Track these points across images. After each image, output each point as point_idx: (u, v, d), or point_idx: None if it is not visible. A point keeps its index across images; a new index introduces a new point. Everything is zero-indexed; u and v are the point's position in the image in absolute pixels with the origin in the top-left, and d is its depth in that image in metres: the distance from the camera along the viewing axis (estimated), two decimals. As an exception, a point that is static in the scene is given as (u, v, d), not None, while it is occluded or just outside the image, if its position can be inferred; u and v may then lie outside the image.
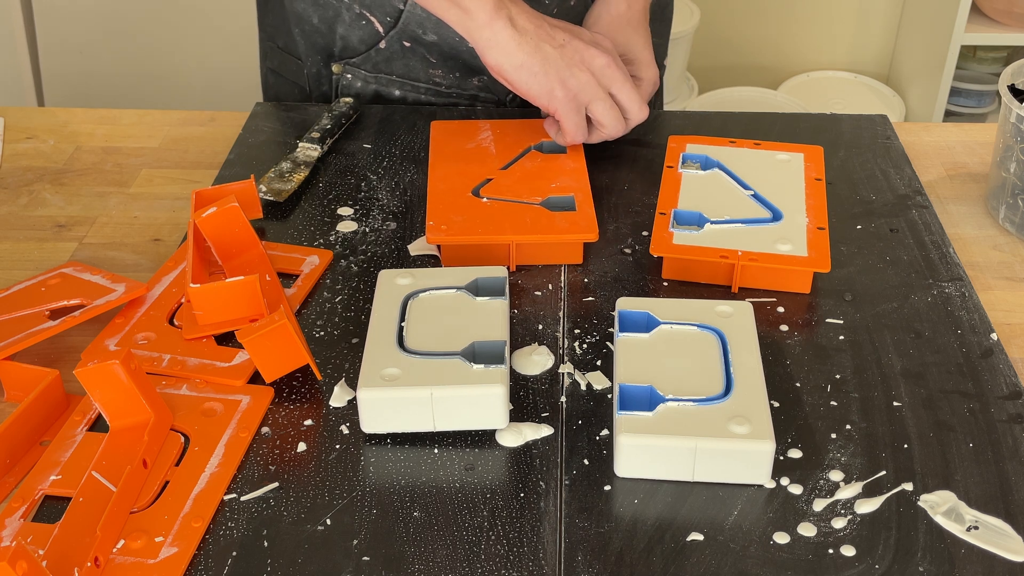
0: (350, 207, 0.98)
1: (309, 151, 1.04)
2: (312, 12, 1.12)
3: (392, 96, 1.14)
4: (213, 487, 0.71)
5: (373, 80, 1.13)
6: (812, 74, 2.66)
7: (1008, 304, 0.89)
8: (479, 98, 1.14)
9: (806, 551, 0.67)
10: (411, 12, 1.07)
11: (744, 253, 0.87)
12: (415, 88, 1.13)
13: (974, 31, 2.30)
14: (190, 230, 0.87)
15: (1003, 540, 0.68)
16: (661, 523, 0.69)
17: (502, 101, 1.15)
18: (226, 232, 0.88)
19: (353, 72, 1.13)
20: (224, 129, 1.14)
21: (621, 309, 0.80)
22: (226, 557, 0.67)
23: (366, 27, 1.10)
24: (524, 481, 0.72)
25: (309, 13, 1.13)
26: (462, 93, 1.14)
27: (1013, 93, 0.97)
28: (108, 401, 0.73)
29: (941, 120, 2.41)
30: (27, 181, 1.06)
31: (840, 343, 0.83)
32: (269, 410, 0.77)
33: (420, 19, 1.08)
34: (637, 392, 0.73)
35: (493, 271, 0.83)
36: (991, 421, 0.76)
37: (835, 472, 0.72)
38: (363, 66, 1.13)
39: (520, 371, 0.80)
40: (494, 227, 0.90)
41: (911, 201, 0.99)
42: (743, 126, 1.11)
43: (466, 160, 0.98)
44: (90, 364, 0.71)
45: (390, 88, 1.13)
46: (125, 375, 0.71)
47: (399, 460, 0.73)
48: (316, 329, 0.84)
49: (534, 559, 0.66)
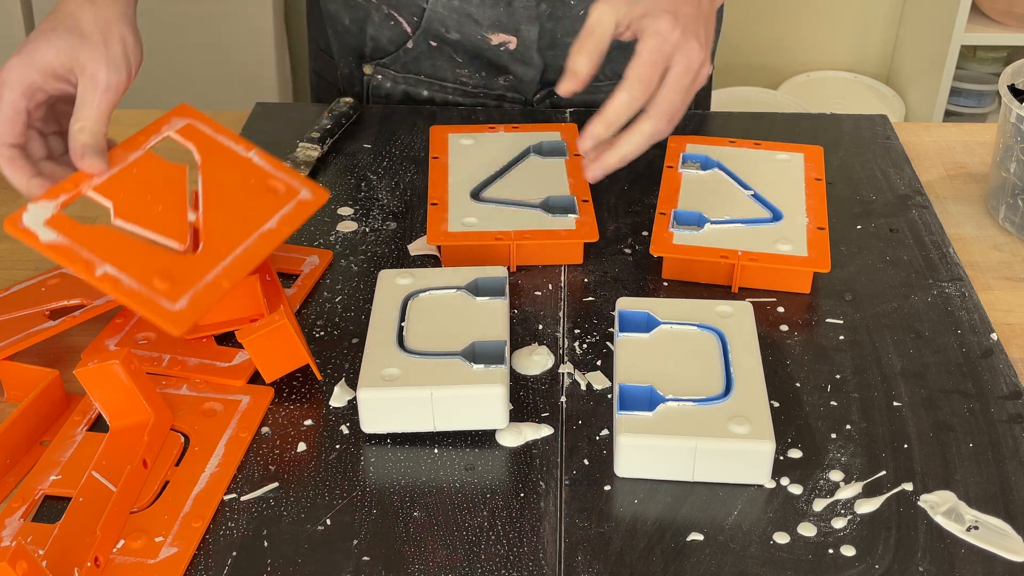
0: (350, 207, 0.98)
1: (309, 151, 1.04)
2: (344, 13, 1.13)
3: (420, 96, 1.14)
4: (213, 487, 0.71)
5: (402, 80, 1.14)
6: (812, 74, 2.65)
7: (1008, 304, 0.89)
8: (506, 98, 1.14)
9: (806, 551, 0.67)
10: (433, 10, 1.08)
11: (744, 253, 0.87)
12: (443, 88, 1.13)
13: (974, 31, 2.30)
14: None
15: (1003, 540, 0.68)
16: (661, 523, 0.69)
17: (529, 101, 1.15)
18: None
19: (383, 72, 1.13)
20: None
21: (621, 309, 0.80)
22: (226, 557, 0.67)
23: (394, 27, 1.10)
24: (524, 481, 0.72)
25: (341, 14, 1.13)
26: (489, 93, 1.14)
27: (1013, 93, 0.97)
28: (108, 401, 0.73)
29: (941, 120, 2.41)
30: (27, 181, 1.06)
31: (840, 343, 0.83)
32: (269, 410, 0.77)
33: (442, 17, 1.08)
34: (637, 392, 0.73)
35: (493, 271, 0.83)
36: (991, 421, 0.76)
37: (835, 472, 0.72)
38: (392, 66, 1.13)
39: (520, 371, 0.80)
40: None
41: (911, 201, 0.99)
42: (743, 126, 1.11)
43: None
44: (90, 364, 0.71)
45: (419, 88, 1.14)
46: (125, 375, 0.71)
47: (399, 460, 0.73)
48: (316, 329, 0.84)
49: (534, 559, 0.66)
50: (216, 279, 0.75)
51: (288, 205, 0.81)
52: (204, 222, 0.78)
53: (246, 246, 0.78)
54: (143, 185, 0.79)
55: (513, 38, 1.08)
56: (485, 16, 1.07)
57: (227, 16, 2.26)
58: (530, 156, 0.99)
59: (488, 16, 1.07)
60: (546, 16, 1.07)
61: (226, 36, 2.27)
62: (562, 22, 1.07)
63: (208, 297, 0.74)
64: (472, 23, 1.08)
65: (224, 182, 0.81)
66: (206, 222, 0.78)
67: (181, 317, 0.72)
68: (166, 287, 0.73)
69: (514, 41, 1.08)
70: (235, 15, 2.25)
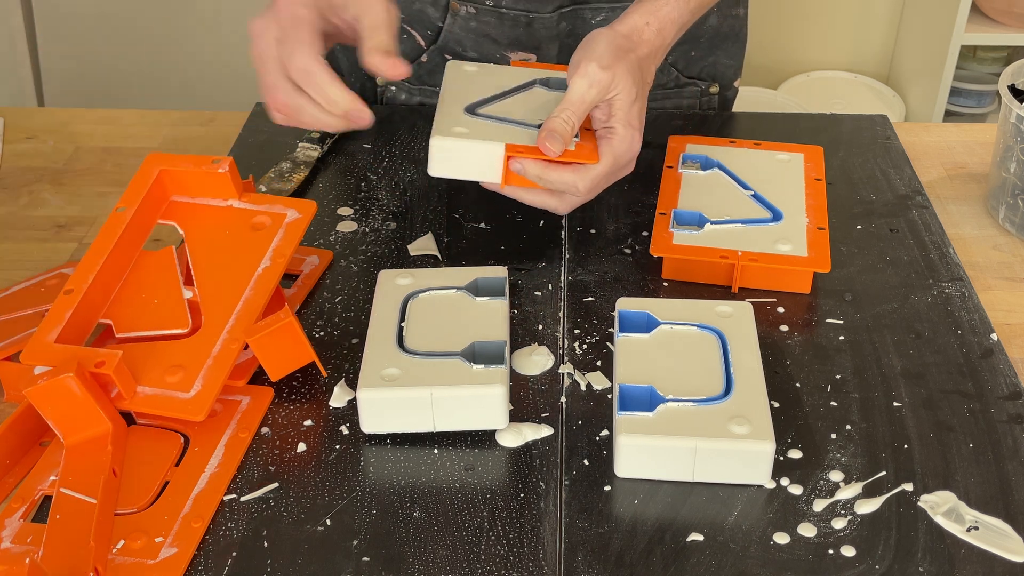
0: (350, 207, 0.98)
1: (309, 151, 1.04)
2: None
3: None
4: (213, 487, 0.71)
5: (417, 92, 1.13)
6: (812, 74, 2.65)
7: (1008, 304, 0.89)
8: None
9: (806, 551, 0.67)
10: (449, 31, 1.07)
11: (744, 253, 0.87)
12: None
13: (974, 31, 2.30)
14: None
15: (1003, 540, 0.68)
16: (661, 523, 0.69)
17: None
18: None
19: (397, 84, 1.13)
20: (224, 129, 1.14)
21: (621, 309, 0.80)
22: (226, 557, 0.66)
23: (407, 41, 1.10)
24: (524, 481, 0.72)
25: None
26: None
27: (1013, 93, 0.97)
28: (62, 417, 0.71)
29: (941, 120, 2.41)
30: (27, 181, 1.06)
31: (840, 343, 0.83)
32: (269, 410, 0.77)
33: (459, 37, 1.08)
34: (637, 392, 0.73)
35: (493, 271, 0.83)
36: (991, 421, 0.76)
37: (835, 472, 0.72)
38: (406, 79, 1.12)
39: (520, 371, 0.80)
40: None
41: (911, 201, 0.99)
42: (743, 126, 1.11)
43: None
44: (40, 382, 0.69)
45: (434, 100, 1.13)
46: (80, 388, 0.70)
47: (399, 460, 0.73)
48: (316, 329, 0.84)
49: (534, 559, 0.66)
50: (224, 346, 0.75)
51: (277, 236, 0.81)
52: (201, 295, 0.78)
53: (246, 298, 0.78)
54: (135, 289, 0.80)
55: (532, 56, 1.08)
56: (504, 36, 1.07)
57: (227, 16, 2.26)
58: (535, 87, 0.95)
59: (508, 36, 1.07)
60: (565, 33, 1.07)
61: (226, 36, 2.27)
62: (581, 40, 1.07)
63: (220, 370, 0.74)
64: (491, 43, 1.07)
65: (211, 244, 0.81)
66: (202, 294, 0.78)
67: (197, 403, 0.72)
68: (178, 379, 0.73)
69: (534, 59, 1.08)
70: (235, 15, 2.25)
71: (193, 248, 0.81)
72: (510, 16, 1.06)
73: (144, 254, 0.82)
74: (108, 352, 0.72)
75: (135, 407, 0.73)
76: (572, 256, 0.92)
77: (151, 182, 0.82)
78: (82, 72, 2.30)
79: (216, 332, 0.76)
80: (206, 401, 0.72)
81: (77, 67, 2.30)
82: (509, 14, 1.06)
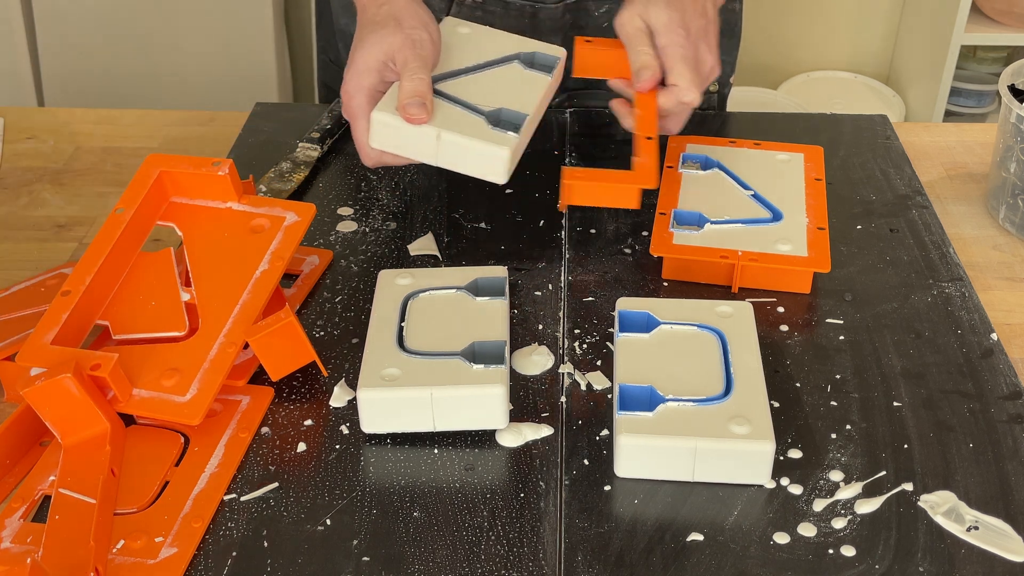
0: (350, 207, 0.98)
1: (309, 151, 1.04)
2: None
3: None
4: (213, 487, 0.71)
5: None
6: (812, 74, 2.65)
7: (1008, 304, 0.89)
8: None
9: (806, 551, 0.67)
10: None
11: (744, 253, 0.87)
12: None
13: (974, 31, 2.30)
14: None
15: (1003, 540, 0.68)
16: (661, 523, 0.69)
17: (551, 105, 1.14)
18: None
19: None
20: (224, 129, 1.14)
21: (621, 309, 0.80)
22: (226, 557, 0.67)
23: None
24: (524, 481, 0.72)
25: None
26: None
27: (1013, 93, 0.97)
28: (60, 418, 0.71)
29: (941, 120, 2.41)
30: (27, 181, 1.06)
31: (840, 343, 0.83)
32: (269, 410, 0.77)
33: None
34: (637, 392, 0.73)
35: (493, 271, 0.83)
36: (991, 421, 0.76)
37: (835, 472, 0.72)
38: None
39: (520, 371, 0.80)
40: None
41: (911, 201, 1.00)
42: (743, 126, 1.11)
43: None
44: (38, 382, 0.69)
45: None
46: (78, 388, 0.70)
47: (399, 460, 0.73)
48: (316, 329, 0.84)
49: (534, 559, 0.66)
50: (221, 349, 0.75)
51: (276, 239, 0.81)
52: (198, 297, 0.78)
53: (243, 301, 0.78)
54: (133, 290, 0.80)
55: None
56: (509, 27, 1.06)
57: (227, 16, 2.26)
58: (515, 63, 0.93)
59: (512, 27, 1.06)
60: (569, 26, 1.07)
61: (226, 36, 2.27)
62: (585, 32, 1.07)
63: (217, 374, 0.74)
64: None
65: (209, 246, 0.81)
66: (200, 296, 0.78)
67: (193, 407, 0.72)
68: (174, 382, 0.73)
69: None
70: (235, 15, 2.25)
71: (192, 250, 0.81)
72: (515, 7, 1.06)
73: (142, 255, 0.82)
74: (104, 355, 0.72)
75: (131, 410, 0.73)
76: (572, 256, 0.92)
77: (151, 183, 0.82)
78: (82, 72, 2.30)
79: (213, 335, 0.76)
80: (202, 405, 0.72)
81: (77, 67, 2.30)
82: (514, 5, 1.06)
